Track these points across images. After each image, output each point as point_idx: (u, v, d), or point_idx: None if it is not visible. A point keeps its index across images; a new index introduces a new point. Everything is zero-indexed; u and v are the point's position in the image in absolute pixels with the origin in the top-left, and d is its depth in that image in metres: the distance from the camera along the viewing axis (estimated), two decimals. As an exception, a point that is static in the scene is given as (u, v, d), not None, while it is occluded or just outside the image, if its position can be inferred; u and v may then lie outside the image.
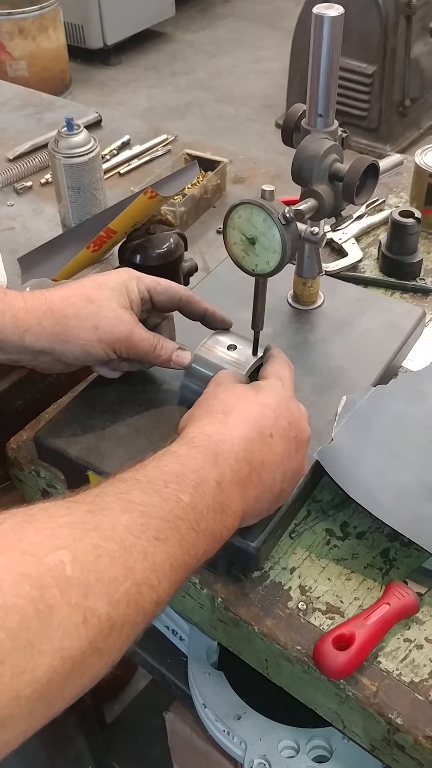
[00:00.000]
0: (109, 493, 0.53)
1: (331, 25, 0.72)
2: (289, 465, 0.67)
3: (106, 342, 0.76)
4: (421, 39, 3.45)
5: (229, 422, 0.64)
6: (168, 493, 0.55)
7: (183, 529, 0.54)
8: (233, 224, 0.71)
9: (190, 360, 0.79)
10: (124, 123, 1.65)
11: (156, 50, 4.62)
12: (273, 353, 0.77)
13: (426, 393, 0.85)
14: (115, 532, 0.50)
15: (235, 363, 0.77)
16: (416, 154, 1.17)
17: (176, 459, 0.60)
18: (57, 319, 0.75)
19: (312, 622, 0.71)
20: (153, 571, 0.51)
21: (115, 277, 0.79)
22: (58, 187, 1.23)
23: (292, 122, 0.82)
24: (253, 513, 0.65)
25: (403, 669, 0.67)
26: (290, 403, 0.70)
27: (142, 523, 0.52)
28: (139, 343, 0.77)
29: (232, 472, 0.61)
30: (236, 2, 5.24)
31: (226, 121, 3.92)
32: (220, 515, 0.59)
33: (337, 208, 0.79)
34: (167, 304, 0.82)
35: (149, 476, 0.57)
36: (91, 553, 0.47)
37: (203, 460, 0.60)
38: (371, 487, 0.75)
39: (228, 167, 1.39)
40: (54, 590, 0.44)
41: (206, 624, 0.79)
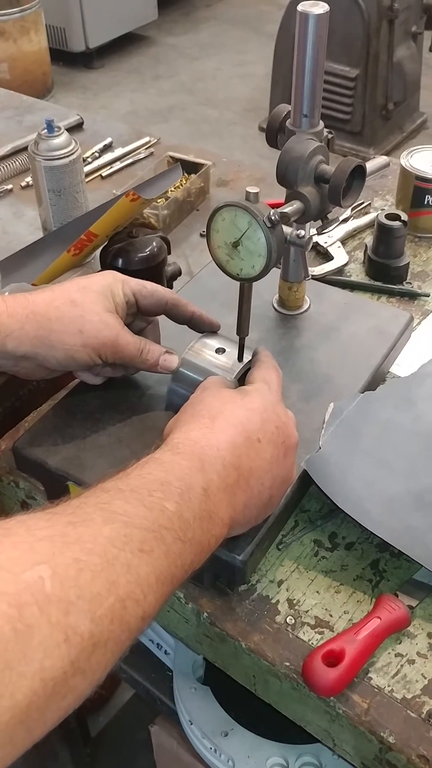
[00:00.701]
0: (90, 504, 0.51)
1: (316, 22, 0.70)
2: (278, 471, 0.65)
3: (91, 346, 0.74)
4: (403, 43, 3.45)
5: (216, 427, 0.63)
6: (152, 501, 0.53)
7: (169, 539, 0.52)
8: (217, 227, 0.69)
9: (178, 364, 0.77)
10: (106, 126, 1.63)
11: (139, 53, 4.60)
12: (261, 357, 0.75)
13: (414, 399, 0.83)
14: (96, 544, 0.48)
15: (224, 366, 0.75)
16: (402, 156, 1.15)
17: (161, 466, 0.58)
18: (40, 323, 0.72)
19: (301, 637, 0.69)
20: (137, 585, 0.49)
21: (100, 280, 0.77)
22: (39, 190, 1.20)
23: (277, 123, 0.80)
24: (241, 521, 0.63)
25: (395, 685, 0.65)
26: (277, 408, 0.68)
27: (126, 534, 0.50)
28: (125, 348, 0.75)
29: (219, 478, 0.59)
30: (218, 6, 5.23)
31: (210, 125, 3.91)
32: (207, 523, 0.57)
33: (324, 210, 0.77)
34: (153, 308, 0.80)
35: (132, 485, 0.55)
36: (72, 568, 0.45)
37: (189, 466, 0.58)
38: (360, 496, 0.73)
39: (211, 170, 1.37)
40: (33, 608, 0.42)
41: (192, 639, 0.76)
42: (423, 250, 1.15)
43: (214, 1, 5.28)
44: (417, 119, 3.77)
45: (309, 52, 0.72)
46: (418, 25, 3.51)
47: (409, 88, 3.59)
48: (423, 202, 1.13)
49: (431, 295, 1.06)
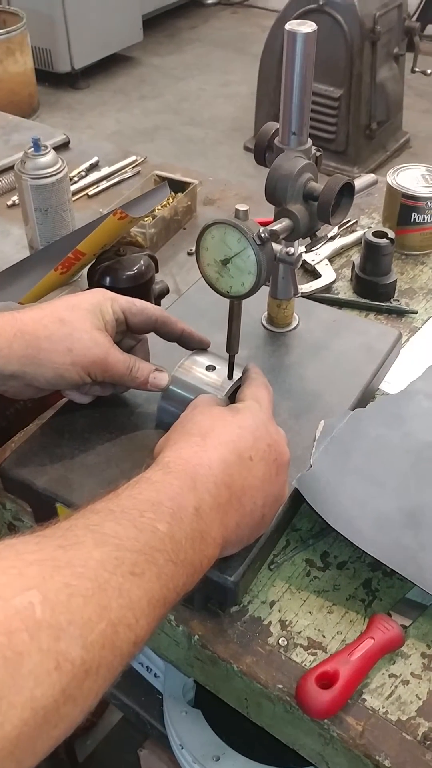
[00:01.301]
0: (80, 526, 0.50)
1: (304, 41, 0.71)
2: (270, 489, 0.65)
3: (80, 365, 0.73)
4: (386, 64, 3.49)
5: (207, 445, 0.62)
6: (143, 523, 0.52)
7: (160, 561, 0.51)
8: (206, 245, 0.69)
9: (168, 382, 0.77)
10: (92, 145, 1.63)
11: (124, 74, 4.62)
12: (251, 374, 0.74)
13: (404, 416, 0.83)
14: (87, 568, 0.47)
15: (214, 384, 0.75)
16: (388, 174, 1.16)
17: (151, 486, 0.57)
18: (28, 341, 0.72)
19: (293, 659, 0.68)
20: (129, 609, 0.48)
21: (89, 298, 0.76)
22: (25, 208, 1.20)
23: (265, 141, 0.80)
24: (234, 540, 0.62)
25: (390, 707, 0.64)
26: (269, 425, 0.67)
27: (117, 557, 0.49)
28: (114, 366, 0.74)
29: (211, 497, 0.58)
30: (203, 28, 5.28)
31: (195, 145, 3.93)
32: (199, 544, 0.56)
33: (312, 228, 0.77)
34: (142, 326, 0.79)
35: (123, 506, 0.54)
36: (62, 593, 0.44)
37: (180, 485, 0.57)
38: (352, 515, 0.73)
39: (198, 189, 1.37)
40: (23, 635, 0.41)
41: (182, 662, 0.75)
42: (410, 268, 1.15)
43: (198, 23, 5.33)
44: (400, 138, 3.81)
45: (297, 70, 0.72)
46: (399, 46, 3.56)
47: (392, 108, 3.63)
48: (410, 219, 1.14)
49: (419, 312, 1.06)
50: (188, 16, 5.37)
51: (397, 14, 3.47)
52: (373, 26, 3.29)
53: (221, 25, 5.33)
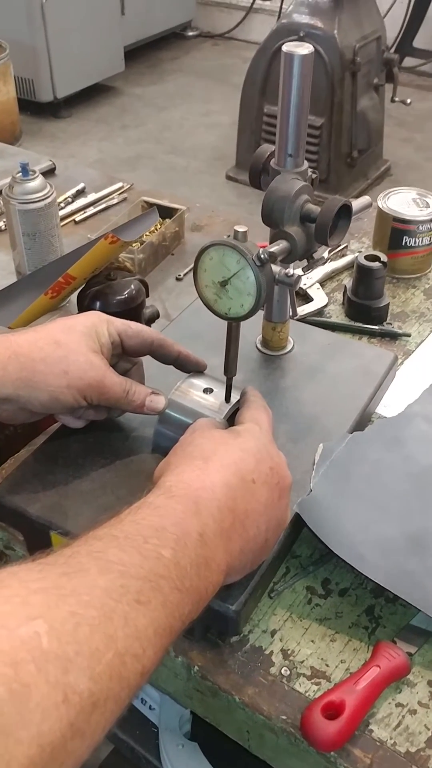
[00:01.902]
0: (83, 553, 0.49)
1: (301, 63, 0.71)
2: (273, 513, 0.63)
3: (75, 388, 0.71)
4: (366, 94, 3.54)
5: (209, 468, 0.61)
6: (148, 549, 0.51)
7: (166, 588, 0.50)
8: (204, 266, 0.68)
9: (165, 405, 0.75)
10: (78, 171, 1.63)
11: (106, 103, 4.65)
12: (249, 397, 0.73)
13: (403, 439, 0.82)
14: (93, 596, 0.45)
15: (212, 407, 0.74)
16: (379, 198, 1.16)
17: (155, 511, 0.55)
18: (23, 363, 0.70)
19: (297, 689, 0.66)
20: (136, 639, 0.46)
21: (84, 320, 0.75)
22: (13, 233, 1.19)
23: (260, 164, 0.80)
24: (237, 567, 0.60)
25: (398, 738, 0.63)
26: (270, 448, 0.66)
27: (122, 584, 0.47)
28: (110, 389, 0.73)
29: (215, 522, 0.57)
30: (184, 59, 5.34)
31: (177, 173, 3.95)
32: (204, 570, 0.54)
33: (309, 250, 0.76)
34: (138, 348, 0.78)
35: (126, 532, 0.52)
36: (68, 622, 0.43)
37: (183, 510, 0.56)
38: (354, 540, 0.71)
39: (186, 215, 1.37)
40: (30, 666, 0.39)
41: (181, 694, 0.73)
42: (401, 291, 1.16)
43: (179, 54, 5.39)
44: (381, 166, 3.85)
45: (294, 91, 0.72)
46: (379, 77, 3.61)
47: (373, 137, 3.67)
48: (401, 243, 1.14)
49: (412, 335, 1.06)
50: (169, 48, 5.44)
51: (376, 46, 3.53)
52: (353, 57, 3.33)
53: (202, 57, 5.40)
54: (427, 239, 1.14)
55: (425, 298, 1.14)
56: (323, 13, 3.28)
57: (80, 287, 1.06)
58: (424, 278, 1.18)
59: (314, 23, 3.26)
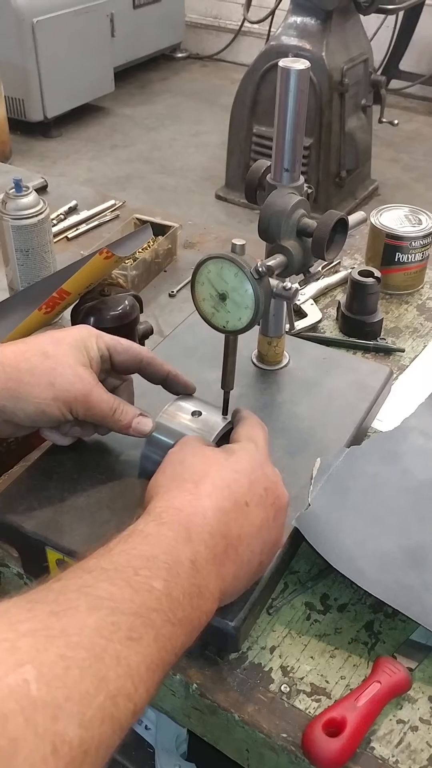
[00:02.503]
0: (73, 588, 0.47)
1: (297, 78, 0.71)
2: (267, 535, 0.62)
3: (62, 400, 0.70)
4: (354, 114, 3.57)
5: (201, 492, 0.59)
6: (139, 582, 0.50)
7: (158, 622, 0.49)
8: (202, 279, 0.68)
9: (152, 428, 0.74)
10: (70, 189, 1.63)
11: (96, 123, 4.68)
12: (243, 415, 0.72)
13: (400, 454, 0.82)
14: (83, 636, 0.44)
15: (200, 431, 0.72)
16: (371, 214, 1.17)
17: (145, 539, 0.54)
18: (9, 374, 0.69)
19: (297, 706, 0.65)
20: (128, 678, 0.45)
21: (74, 333, 0.74)
22: (6, 249, 1.19)
23: (256, 179, 0.80)
24: (231, 592, 0.60)
25: (400, 755, 0.62)
26: (265, 468, 0.65)
27: (113, 622, 0.46)
28: (97, 405, 0.71)
29: (207, 548, 0.56)
30: (173, 80, 5.39)
31: (167, 193, 3.96)
32: (197, 599, 0.53)
33: (306, 264, 0.76)
34: (127, 365, 0.77)
35: (116, 563, 0.51)
36: (58, 666, 0.41)
37: (174, 537, 0.54)
38: (353, 555, 0.71)
39: (178, 232, 1.37)
40: (18, 718, 0.37)
41: (179, 713, 0.72)
42: (394, 307, 1.16)
43: (169, 75, 5.44)
44: (369, 186, 3.89)
45: (291, 106, 0.73)
46: (367, 98, 3.66)
47: (361, 157, 3.71)
48: (394, 259, 1.14)
49: (406, 350, 1.06)
50: (159, 69, 5.48)
51: (364, 68, 3.57)
52: (341, 79, 3.37)
53: (191, 78, 5.45)
54: (419, 255, 1.15)
55: (418, 313, 1.15)
56: (311, 36, 3.32)
57: (74, 303, 1.05)
58: (416, 294, 1.19)
59: (302, 45, 3.29)
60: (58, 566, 0.72)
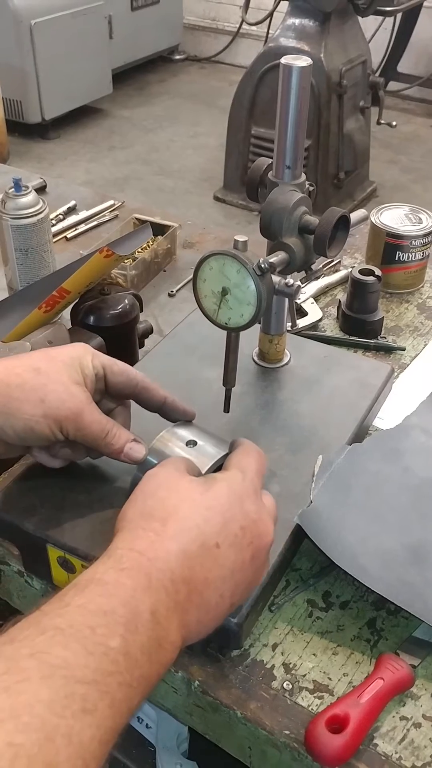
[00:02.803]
0: (25, 654, 0.45)
1: (299, 75, 0.71)
2: (241, 577, 0.59)
3: (52, 417, 0.67)
4: (352, 116, 3.58)
5: (166, 533, 0.56)
6: (95, 643, 0.47)
7: (113, 686, 0.46)
8: (204, 276, 0.68)
9: (144, 455, 0.70)
10: (69, 189, 1.63)
11: (94, 125, 4.68)
12: (239, 442, 0.67)
13: (402, 451, 0.81)
14: (33, 716, 0.41)
15: (196, 461, 0.67)
16: (372, 213, 1.17)
17: (104, 590, 0.51)
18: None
19: (299, 703, 0.65)
20: (79, 757, 0.42)
21: (69, 351, 0.72)
22: (5, 249, 1.19)
23: (257, 176, 0.80)
24: (194, 637, 0.56)
25: (403, 752, 0.62)
26: (246, 503, 0.60)
27: (66, 694, 0.43)
28: (89, 426, 0.68)
29: (168, 595, 0.53)
30: (171, 82, 5.39)
31: (165, 194, 3.97)
32: (156, 654, 0.51)
33: (308, 261, 0.76)
34: (122, 387, 0.73)
35: (71, 621, 0.48)
36: (6, 756, 0.39)
37: (133, 586, 0.52)
38: (355, 552, 0.71)
39: (177, 232, 1.37)
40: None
41: (180, 710, 0.72)
42: (395, 306, 1.16)
43: (167, 77, 5.45)
44: (367, 188, 3.89)
45: (292, 103, 0.72)
46: (365, 100, 3.66)
47: (359, 159, 3.71)
48: (394, 258, 1.14)
49: (407, 348, 1.06)
50: (157, 71, 5.49)
51: (362, 70, 3.58)
52: (340, 80, 3.38)
53: (190, 79, 5.45)
54: (420, 254, 1.15)
55: (419, 312, 1.15)
56: (310, 38, 3.33)
57: (74, 301, 1.05)
58: (417, 293, 1.19)
59: (301, 47, 3.30)
60: (60, 564, 0.72)
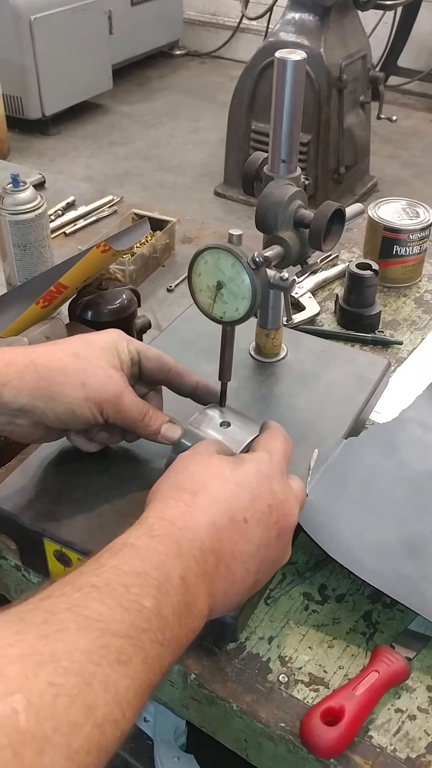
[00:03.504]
0: (62, 608, 0.46)
1: (294, 68, 0.71)
2: (267, 554, 0.60)
3: (93, 401, 0.69)
4: (352, 111, 3.57)
5: (196, 505, 0.58)
6: (129, 600, 0.48)
7: (147, 643, 0.48)
8: (199, 270, 0.68)
9: (180, 435, 0.72)
10: (68, 185, 1.63)
11: (94, 121, 4.67)
12: (269, 425, 0.70)
13: (398, 445, 0.82)
14: (72, 661, 0.43)
15: (228, 442, 0.70)
16: (369, 207, 1.17)
17: (136, 553, 0.53)
18: (41, 372, 0.68)
19: (295, 696, 0.65)
20: (117, 704, 0.44)
21: (105, 336, 0.73)
22: (3, 244, 1.19)
23: (253, 170, 0.80)
24: (220, 608, 0.58)
25: (398, 743, 0.62)
26: (274, 483, 0.62)
27: (102, 645, 0.45)
28: (128, 408, 0.70)
29: (197, 564, 0.55)
30: (171, 77, 5.38)
31: (166, 190, 3.96)
32: (185, 618, 0.52)
33: (303, 255, 0.76)
34: (156, 373, 0.76)
35: (107, 579, 0.49)
36: (47, 694, 0.40)
37: (165, 552, 0.53)
38: (351, 545, 0.71)
39: (176, 227, 1.37)
40: (6, 752, 0.37)
41: (177, 703, 0.72)
42: (392, 300, 1.16)
43: (167, 73, 5.44)
44: (368, 182, 3.88)
45: (287, 97, 0.72)
46: (365, 95, 3.65)
47: (359, 153, 3.71)
48: (391, 252, 1.14)
49: (404, 343, 1.06)
50: (157, 66, 5.48)
51: (362, 64, 3.57)
52: (340, 75, 3.37)
53: (190, 75, 5.44)
54: (417, 248, 1.15)
55: (416, 306, 1.15)
56: (309, 32, 3.32)
57: (71, 297, 1.05)
58: (414, 287, 1.19)
59: (301, 41, 3.29)
60: (56, 558, 0.72)
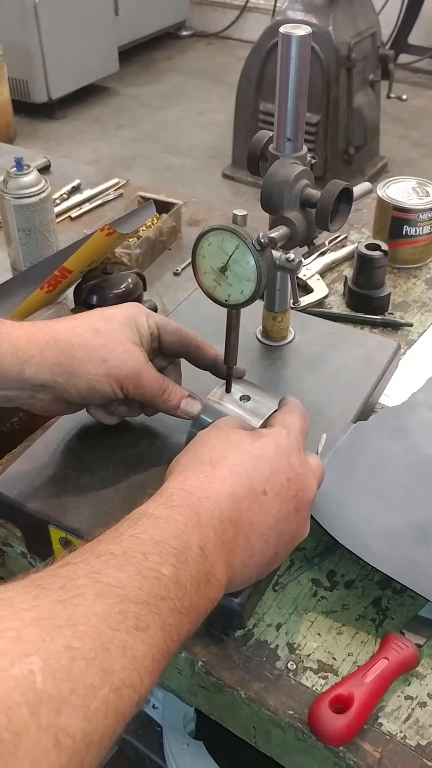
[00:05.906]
0: (81, 574, 0.46)
1: (298, 44, 0.69)
2: (285, 527, 0.60)
3: (113, 377, 0.69)
4: (361, 90, 3.53)
5: (216, 475, 0.57)
6: (148, 568, 0.48)
7: (165, 611, 0.48)
8: (203, 252, 0.66)
9: (200, 410, 0.73)
10: (74, 168, 1.62)
11: (101, 104, 4.64)
12: (287, 401, 0.70)
13: (407, 429, 0.80)
14: (90, 626, 0.43)
15: (248, 415, 0.70)
16: (378, 187, 1.15)
17: (155, 523, 0.53)
18: (62, 348, 0.68)
19: (304, 683, 0.65)
20: (134, 669, 0.44)
21: (124, 310, 0.73)
22: (8, 229, 1.18)
23: (258, 150, 0.78)
24: (239, 580, 0.58)
25: (408, 731, 0.61)
26: (292, 457, 0.62)
27: (120, 611, 0.45)
28: (148, 383, 0.71)
29: (216, 534, 0.54)
30: (178, 59, 5.33)
31: (173, 172, 3.93)
32: (204, 587, 0.52)
33: (310, 235, 0.75)
34: (176, 346, 0.76)
35: (126, 547, 0.49)
36: (63, 657, 0.40)
37: (184, 521, 0.53)
38: (359, 531, 0.70)
39: (182, 210, 1.36)
40: (23, 710, 0.37)
41: (185, 691, 0.71)
42: (402, 281, 1.14)
43: (174, 54, 5.38)
44: (378, 163, 3.84)
45: (292, 74, 0.71)
46: (375, 73, 3.61)
47: (369, 133, 3.66)
48: (401, 232, 1.13)
49: (414, 324, 1.04)
50: (164, 48, 5.43)
51: (371, 42, 3.52)
52: (348, 54, 3.33)
53: (197, 56, 5.39)
54: (427, 228, 1.13)
55: (426, 287, 1.13)
56: (318, 10, 3.28)
57: (77, 281, 1.04)
58: (425, 268, 1.17)
59: (309, 20, 3.24)
60: (62, 545, 0.71)
